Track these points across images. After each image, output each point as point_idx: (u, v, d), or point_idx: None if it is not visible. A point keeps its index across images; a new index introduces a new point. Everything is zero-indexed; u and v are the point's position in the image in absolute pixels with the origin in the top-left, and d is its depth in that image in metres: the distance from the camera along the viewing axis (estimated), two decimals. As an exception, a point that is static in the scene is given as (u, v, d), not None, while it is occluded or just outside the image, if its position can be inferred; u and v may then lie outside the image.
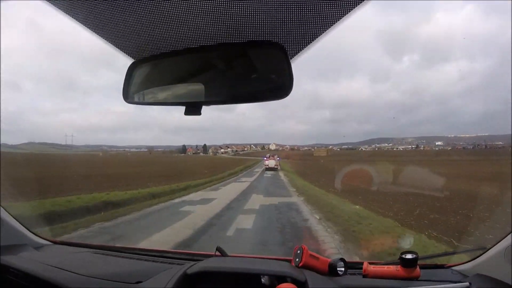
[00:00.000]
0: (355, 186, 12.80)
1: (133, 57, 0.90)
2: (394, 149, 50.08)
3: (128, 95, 0.91)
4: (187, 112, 0.85)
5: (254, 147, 67.29)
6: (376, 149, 51.91)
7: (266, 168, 28.42)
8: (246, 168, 30.52)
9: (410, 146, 50.83)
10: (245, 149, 67.55)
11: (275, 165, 28.18)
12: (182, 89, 0.89)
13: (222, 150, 75.92)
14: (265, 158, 32.13)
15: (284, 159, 42.69)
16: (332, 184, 13.63)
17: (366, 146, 55.75)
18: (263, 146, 64.16)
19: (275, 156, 31.39)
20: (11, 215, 1.39)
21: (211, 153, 79.47)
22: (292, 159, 45.02)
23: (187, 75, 0.89)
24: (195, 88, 0.87)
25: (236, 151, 68.60)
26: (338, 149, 54.00)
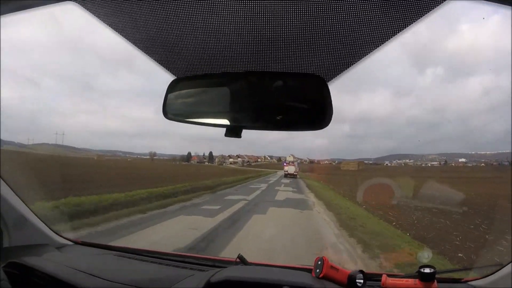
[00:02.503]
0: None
1: (175, 74, 0.92)
2: (423, 165, 48.31)
3: (167, 111, 0.92)
4: (227, 134, 0.88)
5: (269, 158, 64.39)
6: (403, 164, 49.98)
7: (285, 174, 28.92)
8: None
9: (435, 163, 49.21)
10: (259, 160, 64.56)
11: (294, 172, 28.85)
12: (223, 111, 0.89)
13: (231, 160, 72.75)
14: (284, 164, 33.01)
15: (306, 172, 39.12)
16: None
17: (387, 162, 53.95)
18: (280, 158, 61.41)
19: (295, 163, 32.17)
20: (33, 213, 1.38)
21: (216, 163, 76.41)
22: (318, 172, 41.10)
23: (229, 98, 0.90)
24: (236, 111, 0.89)
25: (248, 161, 65.55)
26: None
